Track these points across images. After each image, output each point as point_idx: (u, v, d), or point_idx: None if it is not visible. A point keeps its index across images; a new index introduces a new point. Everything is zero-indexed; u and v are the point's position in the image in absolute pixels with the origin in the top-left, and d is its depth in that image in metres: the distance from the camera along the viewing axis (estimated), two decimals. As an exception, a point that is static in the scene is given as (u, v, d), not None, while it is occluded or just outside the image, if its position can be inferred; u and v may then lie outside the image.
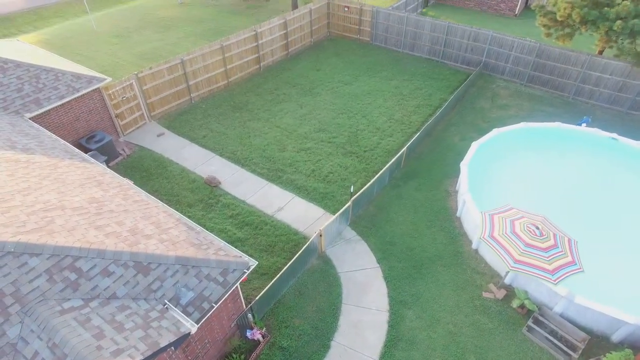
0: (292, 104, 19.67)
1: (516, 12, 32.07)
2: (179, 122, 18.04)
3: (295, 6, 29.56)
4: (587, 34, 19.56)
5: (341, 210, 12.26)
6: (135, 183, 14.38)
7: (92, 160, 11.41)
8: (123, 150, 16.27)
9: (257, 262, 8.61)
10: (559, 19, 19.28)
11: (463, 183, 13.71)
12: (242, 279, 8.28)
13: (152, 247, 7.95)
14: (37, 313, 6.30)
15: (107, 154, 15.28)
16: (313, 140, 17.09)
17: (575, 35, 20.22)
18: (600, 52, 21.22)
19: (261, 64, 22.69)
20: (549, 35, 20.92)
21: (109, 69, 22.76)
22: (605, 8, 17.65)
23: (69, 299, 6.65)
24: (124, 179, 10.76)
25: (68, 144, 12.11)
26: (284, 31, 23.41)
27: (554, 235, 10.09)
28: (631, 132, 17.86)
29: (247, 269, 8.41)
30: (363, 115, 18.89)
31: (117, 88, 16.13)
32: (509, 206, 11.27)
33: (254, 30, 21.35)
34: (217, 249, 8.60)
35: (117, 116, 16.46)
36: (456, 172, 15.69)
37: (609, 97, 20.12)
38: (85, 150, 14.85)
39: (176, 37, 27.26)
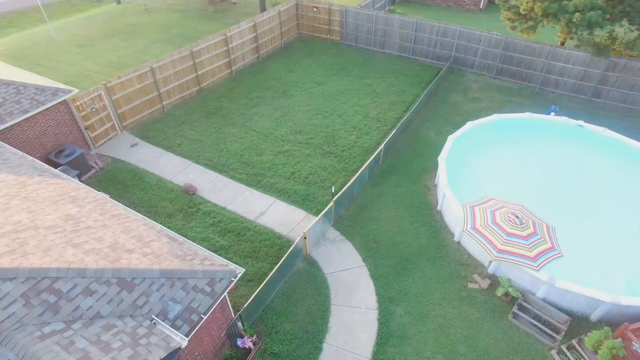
0: (267, 107, 19.51)
1: (481, 7, 32.91)
2: (153, 131, 17.58)
3: (263, 8, 29.37)
4: (549, 26, 20.26)
5: (324, 212, 12.23)
6: (111, 196, 13.93)
7: (64, 175, 10.96)
8: (95, 163, 15.72)
9: (244, 270, 8.47)
10: (522, 12, 19.89)
11: (442, 177, 13.93)
12: (230, 287, 8.13)
13: (135, 262, 7.69)
14: (15, 340, 5.98)
15: (79, 168, 14.73)
16: (290, 142, 16.99)
17: (538, 27, 20.93)
18: (562, 43, 22.03)
19: (233, 68, 22.41)
20: (513, 28, 21.55)
21: (75, 79, 21.95)
22: (564, 1, 18.32)
23: (49, 323, 6.36)
24: (100, 193, 10.39)
25: (36, 160, 11.59)
26: (254, 34, 23.20)
27: (533, 223, 10.39)
28: (595, 118, 18.63)
29: (235, 277, 8.27)
30: (338, 114, 18.94)
31: (86, 99, 15.57)
32: (489, 197, 11.52)
33: (224, 35, 21.06)
34: (202, 259, 8.41)
35: (87, 128, 15.89)
36: (434, 166, 15.94)
37: (573, 86, 20.91)
38: (55, 165, 14.26)
39: (142, 44, 26.58)
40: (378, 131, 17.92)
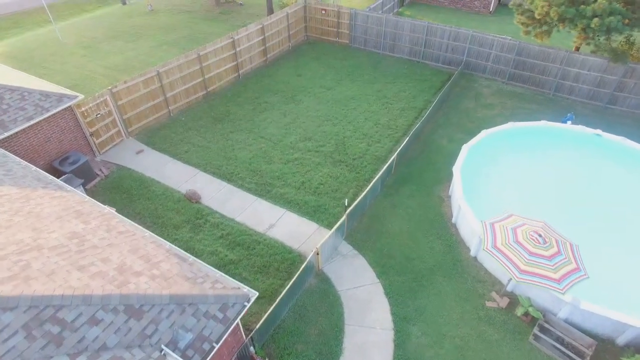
0: (275, 112, 19.09)
1: (491, 10, 32.37)
2: (159, 137, 17.20)
3: (270, 11, 28.94)
4: (564, 31, 19.75)
5: (336, 226, 11.81)
6: (116, 206, 13.63)
7: (69, 187, 10.57)
8: (100, 170, 15.35)
9: (257, 294, 8.06)
10: (537, 17, 19.38)
11: (457, 188, 13.48)
12: (242, 312, 7.72)
13: (144, 286, 7.30)
14: (17, 376, 5.60)
15: (84, 176, 14.36)
16: (300, 150, 16.57)
17: (553, 32, 20.42)
18: (577, 49, 21.51)
19: (240, 72, 22.00)
20: (527, 33, 21.04)
21: (80, 82, 21.62)
22: (582, 6, 17.81)
23: (52, 357, 5.96)
24: (105, 207, 10.00)
25: (40, 170, 11.21)
26: (262, 37, 22.78)
27: (556, 241, 9.93)
28: (612, 126, 18.14)
29: (248, 302, 7.86)
30: (349, 121, 18.50)
31: (91, 105, 15.20)
32: (509, 213, 11.07)
33: (231, 38, 20.65)
34: (213, 282, 8.00)
35: (92, 134, 15.52)
36: (447, 176, 15.50)
37: (588, 92, 20.39)
38: (60, 173, 13.90)
39: (148, 46, 26.22)
40: (389, 138, 17.47)
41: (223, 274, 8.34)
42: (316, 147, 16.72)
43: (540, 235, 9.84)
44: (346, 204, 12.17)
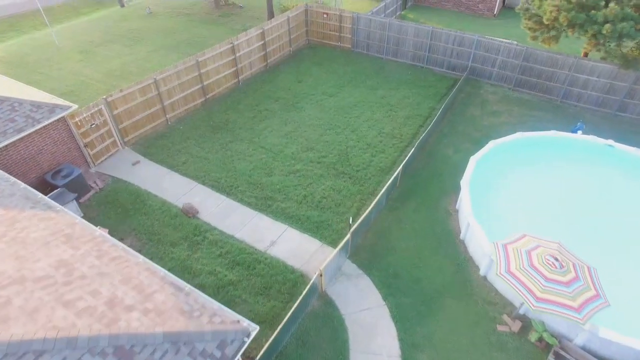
0: (276, 120, 18.54)
1: (495, 13, 31.81)
2: (156, 147, 16.65)
3: (271, 14, 28.37)
4: (573, 36, 19.18)
5: (340, 246, 11.26)
6: (110, 221, 13.09)
7: (59, 206, 10.02)
8: (95, 183, 14.81)
9: (258, 328, 7.51)
10: (545, 22, 18.83)
11: (465, 204, 12.93)
12: (242, 349, 7.18)
13: (135, 323, 6.76)
14: None
15: (77, 189, 13.82)
16: (301, 161, 16.02)
17: (561, 37, 19.88)
18: (586, 55, 20.97)
19: (240, 78, 21.45)
20: (534, 38, 20.47)
21: (76, 89, 21.08)
22: (592, 11, 17.25)
23: (34, 410, 5.42)
24: (97, 229, 9.45)
25: (29, 187, 10.65)
26: (262, 42, 22.23)
27: (574, 265, 9.39)
28: (623, 135, 17.62)
29: (248, 337, 7.31)
30: (352, 130, 17.95)
31: (85, 115, 14.66)
32: (522, 234, 10.52)
33: (231, 43, 20.09)
34: (210, 315, 7.46)
35: (86, 145, 14.97)
36: (454, 188, 14.96)
37: (597, 99, 19.85)
38: (52, 187, 13.37)
39: (146, 50, 25.66)
40: (394, 148, 16.92)
41: (221, 306, 7.79)
42: (318, 158, 16.18)
43: (556, 260, 9.30)
44: (350, 222, 11.63)
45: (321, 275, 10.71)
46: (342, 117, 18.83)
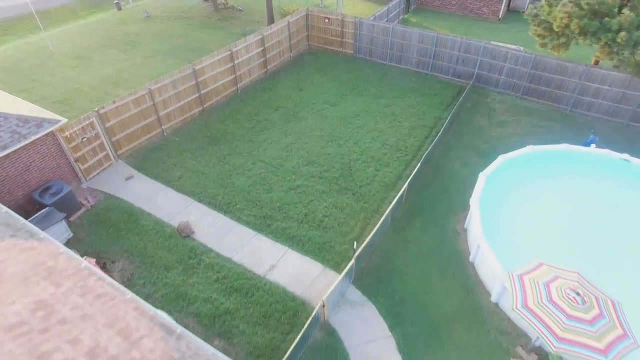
0: (276, 131, 17.86)
1: (500, 17, 31.11)
2: (150, 160, 15.97)
3: (271, 19, 27.67)
4: (585, 44, 18.50)
5: (343, 273, 10.59)
6: (101, 242, 12.45)
7: (42, 233, 9.33)
8: (86, 199, 14.14)
9: (255, 378, 6.84)
10: (555, 29, 18.13)
11: (475, 224, 12.26)
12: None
13: (118, 379, 6.08)
14: None
15: (67, 207, 13.15)
16: (302, 176, 15.35)
17: (571, 44, 19.20)
18: (596, 63, 20.29)
19: (238, 86, 20.78)
20: (544, 45, 19.78)
21: (69, 97, 20.41)
22: (606, 18, 16.57)
23: None
24: (83, 260, 8.77)
25: (10, 212, 9.93)
26: (262, 48, 21.55)
27: (597, 299, 8.72)
28: (636, 147, 16.97)
29: (243, 389, 6.64)
30: (354, 141, 17.27)
31: (75, 128, 13.99)
32: (538, 262, 9.85)
33: (229, 50, 19.42)
34: (203, 364, 6.78)
35: (77, 160, 14.31)
36: (462, 205, 14.30)
37: (608, 108, 19.18)
38: (40, 206, 12.72)
39: (142, 55, 24.98)
40: (399, 162, 16.25)
41: (216, 352, 7.11)
42: (320, 173, 15.50)
43: (578, 294, 8.63)
44: (355, 247, 10.99)
45: (324, 306, 10.05)
46: (344, 128, 18.15)
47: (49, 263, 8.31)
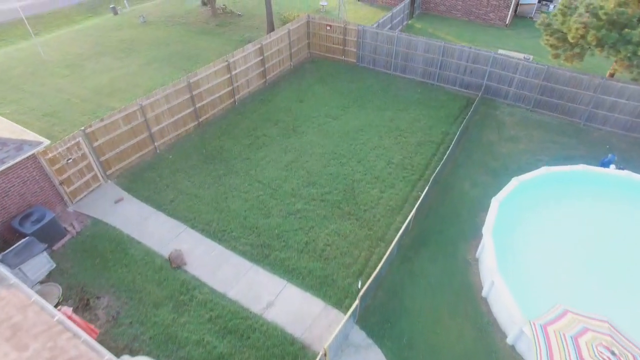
0: (275, 148, 16.93)
1: (507, 22, 30.12)
2: (142, 181, 15.06)
3: (271, 26, 26.70)
4: (602, 56, 17.54)
5: (347, 316, 9.66)
6: (87, 274, 11.59)
7: (12, 279, 8.43)
8: (72, 225, 13.23)
9: None
10: (570, 40, 17.19)
11: (489, 257, 11.33)
12: None
13: None
14: None
15: (50, 236, 12.25)
16: (302, 198, 14.42)
17: (586, 55, 18.27)
18: (612, 75, 19.32)
19: (236, 98, 19.85)
20: (557, 56, 18.86)
21: (58, 109, 19.51)
22: (626, 30, 15.62)
23: None
24: (57, 312, 7.87)
25: (-17, 251, 9.10)
26: (260, 57, 20.62)
27: (634, 358, 7.77)
28: (657, 166, 16.02)
29: None
30: (358, 160, 16.33)
31: (60, 149, 13.08)
32: (562, 308, 8.94)
33: (226, 61, 18.49)
34: None
35: (62, 183, 13.40)
36: (473, 231, 13.39)
37: (625, 123, 18.22)
38: (20, 235, 11.82)
39: (137, 63, 24.06)
40: (405, 182, 15.32)
41: None
42: (321, 195, 14.57)
43: (613, 353, 7.69)
44: (359, 286, 10.08)
45: (325, 355, 9.12)
46: (347, 144, 17.21)
47: (15, 318, 7.42)
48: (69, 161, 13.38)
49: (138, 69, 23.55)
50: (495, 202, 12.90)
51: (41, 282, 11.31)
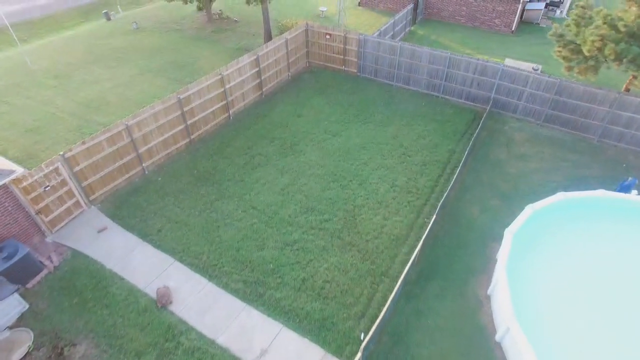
0: (271, 169, 15.91)
1: (513, 29, 29.09)
2: (128, 207, 14.03)
3: (268, 35, 25.67)
4: (619, 69, 16.53)
5: (350, 374, 8.67)
6: (64, 316, 10.68)
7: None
8: (49, 258, 12.22)
9: None
10: (586, 54, 16.16)
11: (504, 299, 10.30)
12: None
13: None
14: None
15: (23, 273, 11.26)
16: (300, 227, 13.40)
17: (601, 68, 17.25)
18: (627, 89, 18.30)
19: (230, 112, 18.83)
20: (570, 69, 17.83)
21: (43, 124, 18.48)
22: (647, 43, 14.62)
23: None
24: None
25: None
26: (256, 69, 19.59)
27: None
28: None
29: None
30: (359, 182, 15.32)
31: (36, 177, 12.06)
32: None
33: (220, 75, 17.46)
34: None
35: (39, 212, 12.39)
36: (483, 264, 12.42)
37: (642, 140, 17.23)
38: (-10, 273, 10.80)
39: (129, 74, 23.04)
40: (409, 208, 14.31)
41: None
42: (320, 222, 13.56)
43: None
44: (362, 338, 9.10)
45: (324, 421, 8.13)
46: (348, 164, 16.19)
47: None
48: (47, 189, 12.36)
49: (129, 80, 22.51)
50: (508, 235, 11.88)
51: (10, 327, 10.30)
